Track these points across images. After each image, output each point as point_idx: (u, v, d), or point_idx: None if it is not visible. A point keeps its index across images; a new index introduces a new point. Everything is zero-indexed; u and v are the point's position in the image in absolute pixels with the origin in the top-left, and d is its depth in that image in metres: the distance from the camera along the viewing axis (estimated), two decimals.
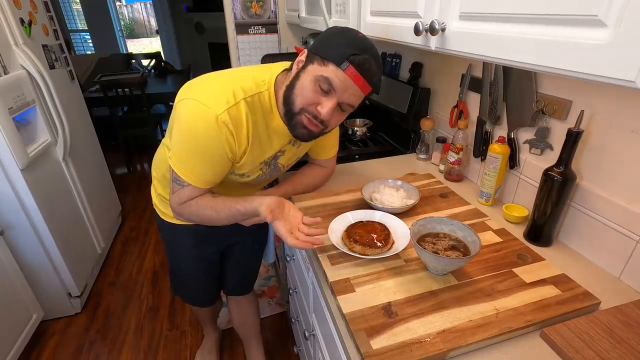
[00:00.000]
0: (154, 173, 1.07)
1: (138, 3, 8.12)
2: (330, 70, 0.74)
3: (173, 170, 0.83)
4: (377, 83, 0.79)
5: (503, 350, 0.63)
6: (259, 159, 0.90)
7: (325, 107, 0.77)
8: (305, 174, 1.10)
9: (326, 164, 1.12)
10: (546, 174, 0.83)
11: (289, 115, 0.81)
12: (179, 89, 0.84)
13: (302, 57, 0.80)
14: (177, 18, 5.98)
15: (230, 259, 1.25)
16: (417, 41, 0.80)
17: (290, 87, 0.80)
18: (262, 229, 1.24)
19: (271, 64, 0.90)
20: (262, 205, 0.81)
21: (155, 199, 1.10)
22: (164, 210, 1.07)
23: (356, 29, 0.99)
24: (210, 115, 0.75)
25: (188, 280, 1.24)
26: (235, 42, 2.14)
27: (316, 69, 0.75)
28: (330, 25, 1.23)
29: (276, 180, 1.22)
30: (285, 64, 0.88)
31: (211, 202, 0.86)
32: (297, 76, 0.79)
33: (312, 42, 0.81)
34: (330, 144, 1.08)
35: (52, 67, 1.84)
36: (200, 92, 0.78)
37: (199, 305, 1.39)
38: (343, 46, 0.74)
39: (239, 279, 1.34)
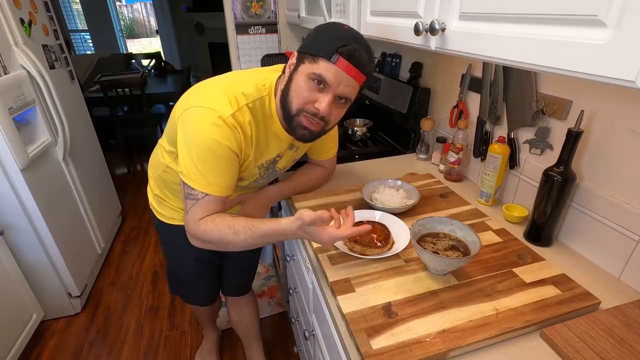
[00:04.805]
0: (150, 173, 1.07)
1: (138, 3, 8.12)
2: (321, 66, 0.74)
3: (185, 184, 0.78)
4: (370, 72, 0.79)
5: (503, 350, 0.63)
6: (256, 163, 0.90)
7: (323, 102, 0.76)
8: (305, 174, 1.10)
9: (326, 164, 1.12)
10: (546, 174, 0.83)
11: (288, 118, 0.81)
12: (179, 89, 0.84)
13: (292, 59, 0.80)
14: (177, 18, 5.98)
15: (228, 259, 1.25)
16: (417, 41, 0.80)
17: (286, 91, 0.79)
18: None
19: (270, 67, 0.90)
20: (295, 223, 0.74)
21: (151, 200, 1.09)
22: (160, 210, 1.07)
23: (355, 28, 0.99)
24: (218, 119, 0.75)
25: (187, 280, 1.24)
26: (235, 42, 2.14)
27: (307, 67, 0.75)
28: None
29: (275, 180, 1.22)
30: (282, 67, 0.87)
31: (229, 220, 0.78)
32: (290, 79, 0.79)
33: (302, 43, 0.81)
34: (329, 144, 1.08)
35: (52, 67, 1.84)
36: (204, 99, 0.78)
37: (199, 304, 1.39)
38: (330, 40, 0.74)
39: (237, 280, 1.34)
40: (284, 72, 0.83)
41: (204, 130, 0.75)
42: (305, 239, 0.78)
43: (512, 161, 1.01)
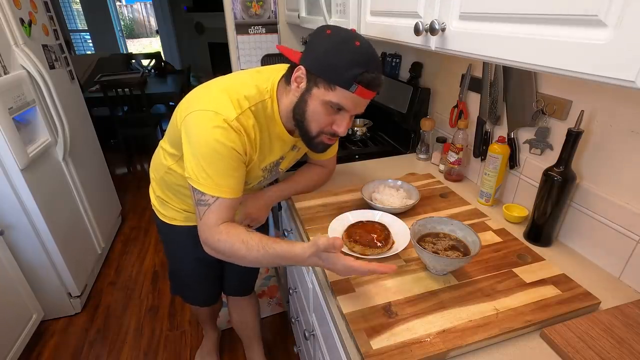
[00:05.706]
0: (152, 175, 1.07)
1: (138, 3, 8.12)
2: (339, 95, 0.74)
3: (195, 189, 0.76)
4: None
5: (503, 350, 0.63)
6: (260, 166, 0.90)
7: (342, 126, 0.79)
8: (305, 174, 1.10)
9: (326, 164, 1.12)
10: (546, 174, 0.83)
11: (307, 138, 0.83)
12: (178, 89, 0.84)
13: (300, 73, 0.77)
14: (177, 18, 5.98)
15: None
16: (417, 41, 0.80)
17: (301, 112, 0.79)
18: (261, 229, 1.24)
19: (269, 67, 0.90)
20: (309, 249, 0.68)
21: (154, 201, 1.09)
22: (162, 211, 1.07)
23: (355, 29, 0.99)
24: (223, 122, 0.74)
25: (188, 280, 1.24)
26: (235, 42, 2.14)
27: (323, 94, 0.75)
28: None
29: (276, 180, 1.22)
30: (283, 67, 0.87)
31: (244, 235, 0.74)
32: (303, 100, 0.78)
33: (307, 56, 0.77)
34: None
35: (52, 67, 1.83)
36: (208, 102, 0.78)
37: (199, 305, 1.39)
38: (347, 67, 0.72)
39: (239, 280, 1.34)
40: (287, 80, 0.82)
41: (209, 133, 0.74)
42: (319, 267, 0.74)
43: (512, 161, 1.01)
